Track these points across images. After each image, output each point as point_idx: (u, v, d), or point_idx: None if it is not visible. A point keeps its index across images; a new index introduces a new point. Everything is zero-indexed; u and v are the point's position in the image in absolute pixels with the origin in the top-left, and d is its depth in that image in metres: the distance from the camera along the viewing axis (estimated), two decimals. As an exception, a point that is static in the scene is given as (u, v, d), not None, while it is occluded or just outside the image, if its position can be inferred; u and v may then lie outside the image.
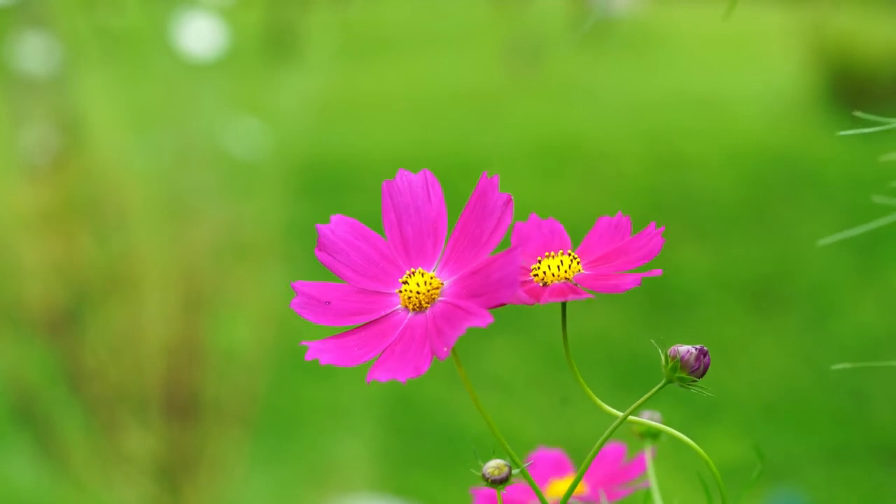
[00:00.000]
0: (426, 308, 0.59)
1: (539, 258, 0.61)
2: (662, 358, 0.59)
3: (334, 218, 0.63)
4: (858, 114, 0.70)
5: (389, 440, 3.22)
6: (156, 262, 2.73)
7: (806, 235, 4.36)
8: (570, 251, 0.62)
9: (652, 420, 0.72)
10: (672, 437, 0.65)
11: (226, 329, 2.98)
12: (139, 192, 2.80)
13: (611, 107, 5.85)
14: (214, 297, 2.78)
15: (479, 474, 0.61)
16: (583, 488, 0.73)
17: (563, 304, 0.60)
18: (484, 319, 0.55)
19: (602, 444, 0.59)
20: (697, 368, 0.59)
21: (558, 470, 0.76)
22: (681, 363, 0.59)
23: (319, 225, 0.62)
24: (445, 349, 0.55)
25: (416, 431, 3.31)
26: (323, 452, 3.14)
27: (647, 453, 0.72)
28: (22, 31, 2.97)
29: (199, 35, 2.90)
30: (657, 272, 0.59)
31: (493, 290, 0.56)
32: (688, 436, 0.61)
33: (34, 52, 2.89)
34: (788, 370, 3.63)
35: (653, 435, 0.72)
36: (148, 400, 2.69)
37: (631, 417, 0.60)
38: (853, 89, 5.58)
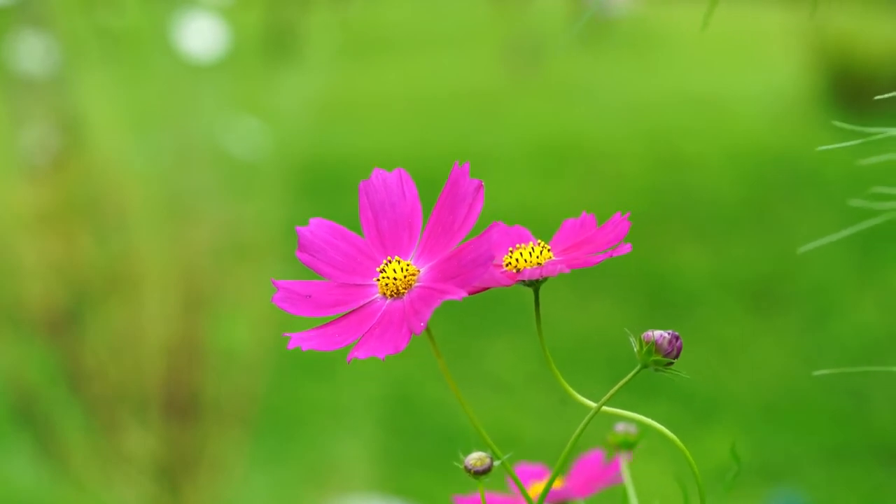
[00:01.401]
0: (403, 294, 0.60)
1: (511, 249, 0.63)
2: (636, 344, 0.60)
3: (313, 221, 0.64)
4: (838, 123, 0.70)
5: (389, 440, 3.22)
6: (156, 262, 2.73)
7: (806, 235, 4.36)
8: (540, 242, 0.64)
9: (627, 432, 0.73)
10: (661, 440, 0.66)
11: (226, 329, 2.98)
12: (139, 192, 2.80)
13: (611, 107, 5.85)
14: (214, 297, 2.79)
15: (462, 467, 0.62)
16: (562, 487, 0.74)
17: (536, 291, 0.63)
18: (458, 294, 0.57)
19: (579, 435, 0.60)
20: (671, 351, 0.60)
21: (540, 478, 0.76)
22: (655, 346, 0.60)
23: (299, 227, 0.64)
24: (421, 324, 0.57)
25: (416, 431, 3.31)
26: (323, 452, 3.14)
27: (625, 455, 0.73)
28: (22, 31, 2.97)
29: (199, 35, 2.90)
30: (626, 249, 0.60)
31: (468, 270, 0.58)
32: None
33: (34, 52, 2.89)
34: (788, 370, 3.63)
35: (628, 445, 0.73)
36: (148, 400, 2.69)
37: (607, 407, 0.61)
38: (853, 89, 5.58)
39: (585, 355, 3.57)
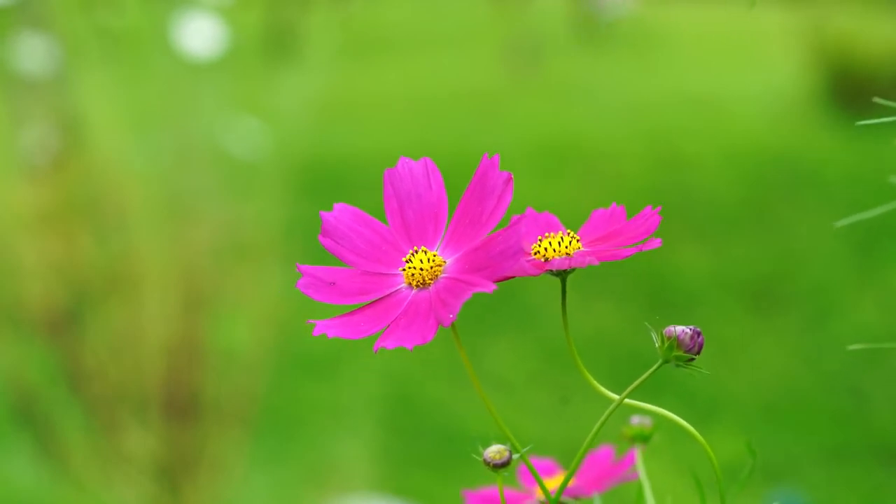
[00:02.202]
0: (430, 284, 0.60)
1: (539, 237, 0.62)
2: (657, 340, 0.60)
3: (337, 206, 0.64)
4: (862, 122, 0.70)
5: (389, 440, 3.22)
6: (156, 262, 2.73)
7: (806, 235, 4.36)
8: (570, 231, 0.63)
9: (643, 424, 0.72)
10: (668, 437, 0.66)
11: (226, 329, 2.98)
12: (139, 192, 2.80)
13: (611, 107, 5.85)
14: (214, 297, 2.78)
15: (481, 460, 0.62)
16: (573, 483, 0.74)
17: (563, 280, 0.62)
18: (488, 286, 0.56)
19: (599, 428, 0.60)
20: (692, 347, 0.60)
21: (549, 473, 0.76)
22: (677, 342, 0.60)
23: (323, 212, 0.63)
24: (451, 316, 0.57)
25: (416, 431, 3.31)
26: (323, 452, 3.14)
27: (638, 450, 0.73)
28: (22, 31, 2.97)
29: (199, 35, 2.90)
30: (657, 243, 0.59)
31: (496, 262, 0.57)
32: (688, 436, 0.61)
33: (34, 52, 2.89)
34: (788, 370, 3.63)
35: (643, 438, 0.72)
36: (148, 400, 2.69)
37: (628, 400, 0.61)
38: (853, 89, 5.58)
39: (586, 354, 3.57)
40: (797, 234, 4.39)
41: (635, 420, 0.73)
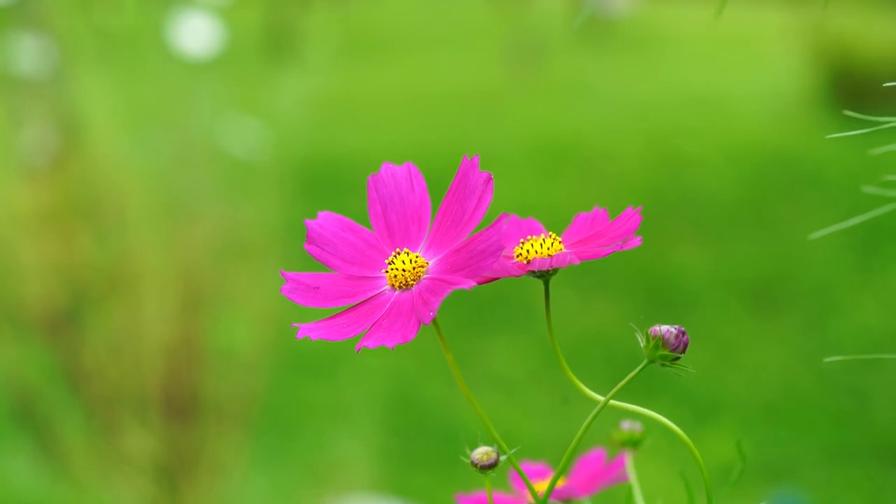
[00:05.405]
0: (412, 286, 0.61)
1: (522, 240, 0.63)
2: (643, 339, 0.60)
3: (321, 214, 0.65)
4: (849, 112, 0.70)
5: (389, 440, 3.22)
6: (155, 262, 2.73)
7: (806, 235, 4.36)
8: (551, 234, 0.64)
9: (633, 430, 0.72)
10: (664, 437, 0.65)
11: (225, 329, 2.97)
12: (139, 192, 2.80)
13: (611, 107, 5.85)
14: (214, 297, 2.78)
15: (468, 461, 0.62)
16: (565, 486, 0.74)
17: (546, 282, 0.62)
18: (467, 283, 0.57)
19: (585, 430, 0.60)
20: (678, 346, 0.60)
21: (542, 477, 0.76)
22: (662, 341, 0.59)
23: (308, 220, 0.64)
24: (431, 314, 0.57)
25: (416, 431, 3.30)
26: (323, 452, 3.14)
27: (629, 453, 0.73)
28: (20, 31, 2.97)
29: (198, 35, 2.90)
30: (636, 242, 0.60)
31: (477, 260, 0.58)
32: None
33: (32, 53, 2.89)
34: (788, 370, 3.63)
35: (633, 443, 0.72)
36: (148, 400, 2.69)
37: (618, 403, 0.61)
38: (853, 89, 5.58)
39: (585, 354, 3.57)
40: (797, 234, 4.39)
41: (625, 425, 0.73)
